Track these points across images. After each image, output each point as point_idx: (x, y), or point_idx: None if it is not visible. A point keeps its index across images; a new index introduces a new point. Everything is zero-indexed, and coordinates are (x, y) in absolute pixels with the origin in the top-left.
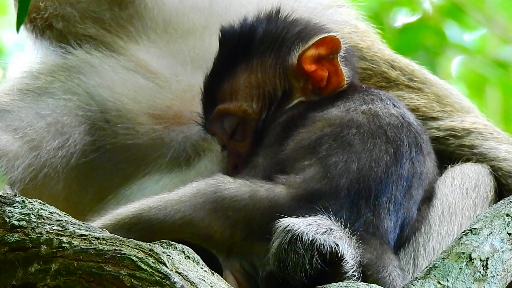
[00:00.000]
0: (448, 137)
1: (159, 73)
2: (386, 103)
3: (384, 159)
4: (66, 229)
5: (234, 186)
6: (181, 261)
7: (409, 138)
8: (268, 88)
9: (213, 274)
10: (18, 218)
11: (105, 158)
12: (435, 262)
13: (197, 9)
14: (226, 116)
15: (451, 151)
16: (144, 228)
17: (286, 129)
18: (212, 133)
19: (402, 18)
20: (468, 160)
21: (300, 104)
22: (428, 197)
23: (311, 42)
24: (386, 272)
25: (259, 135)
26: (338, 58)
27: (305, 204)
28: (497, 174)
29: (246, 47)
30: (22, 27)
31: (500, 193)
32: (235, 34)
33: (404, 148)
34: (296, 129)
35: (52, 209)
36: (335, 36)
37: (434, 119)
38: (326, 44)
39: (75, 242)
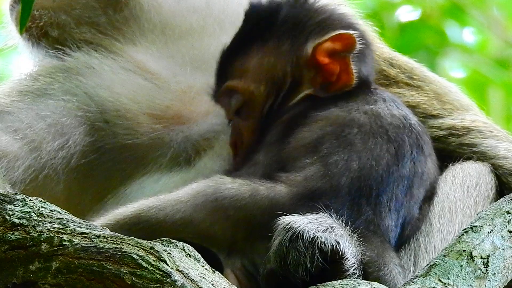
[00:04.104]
0: (449, 136)
1: (157, 74)
2: (389, 105)
3: (385, 158)
4: (67, 227)
5: (234, 186)
6: (182, 259)
7: (410, 139)
8: (278, 74)
9: (214, 272)
10: (18, 216)
11: (105, 158)
12: (436, 260)
13: (194, 10)
14: (234, 93)
15: (451, 149)
16: (144, 228)
17: (288, 128)
18: (220, 105)
19: (403, 17)
20: (469, 158)
21: (306, 99)
22: (429, 196)
23: (328, 36)
24: (388, 269)
25: (262, 123)
26: (351, 57)
27: (306, 202)
28: (498, 172)
29: (266, 27)
30: (18, 36)
31: (501, 191)
32: (260, 11)
33: (405, 148)
34: (298, 128)
35: (53, 207)
36: (352, 35)
37: (435, 117)
38: (343, 41)
39: (76, 240)
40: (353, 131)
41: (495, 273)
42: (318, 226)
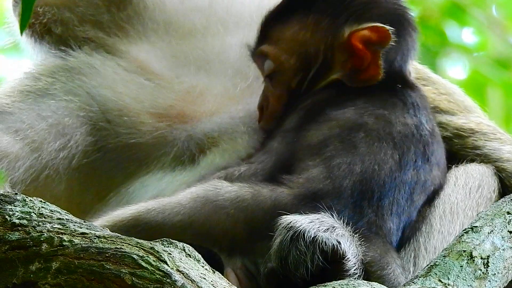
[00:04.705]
0: (454, 138)
1: (160, 75)
2: (406, 111)
3: (388, 163)
4: (67, 227)
5: (234, 189)
6: (182, 259)
7: (416, 148)
8: (311, 51)
9: (214, 273)
10: (19, 216)
11: (107, 158)
12: (436, 260)
13: (197, 10)
14: (266, 58)
15: (455, 151)
16: (143, 231)
17: (306, 118)
18: (255, 64)
19: None
20: (472, 160)
21: (332, 87)
22: (430, 200)
23: (367, 25)
24: (391, 269)
25: (289, 101)
26: (382, 52)
27: (308, 202)
28: (501, 175)
29: None
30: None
31: (503, 193)
32: None
33: (409, 156)
34: (312, 123)
35: (53, 207)
36: (388, 30)
37: (443, 111)
38: (379, 33)
39: (76, 241)
40: (360, 135)
41: (495, 274)
42: (319, 225)
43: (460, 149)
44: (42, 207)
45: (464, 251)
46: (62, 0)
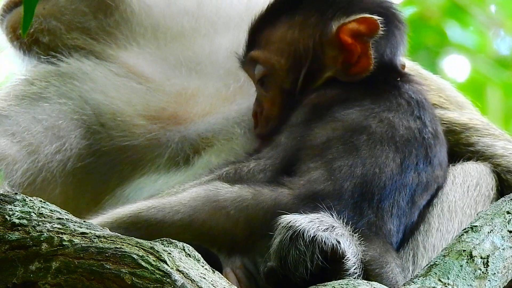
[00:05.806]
0: (448, 133)
1: (151, 78)
2: (411, 113)
3: (390, 166)
4: (67, 227)
5: (235, 189)
6: (182, 259)
7: (418, 152)
8: (300, 49)
9: (214, 272)
10: (18, 216)
11: (102, 161)
12: (435, 260)
13: (185, 12)
14: (257, 63)
15: (450, 147)
16: (143, 228)
17: (313, 112)
18: (246, 72)
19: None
20: (469, 158)
21: (331, 85)
22: (430, 199)
23: (354, 17)
24: (389, 267)
25: (285, 103)
26: (371, 42)
27: (308, 203)
28: (497, 170)
29: None
30: (9, 45)
31: (501, 190)
32: None
33: (411, 160)
34: (318, 120)
35: (53, 207)
36: (376, 20)
37: (434, 105)
38: (368, 25)
39: (76, 240)
40: (362, 138)
41: (495, 273)
42: (319, 225)
43: (454, 145)
44: (42, 206)
45: (464, 250)
46: (49, 10)
